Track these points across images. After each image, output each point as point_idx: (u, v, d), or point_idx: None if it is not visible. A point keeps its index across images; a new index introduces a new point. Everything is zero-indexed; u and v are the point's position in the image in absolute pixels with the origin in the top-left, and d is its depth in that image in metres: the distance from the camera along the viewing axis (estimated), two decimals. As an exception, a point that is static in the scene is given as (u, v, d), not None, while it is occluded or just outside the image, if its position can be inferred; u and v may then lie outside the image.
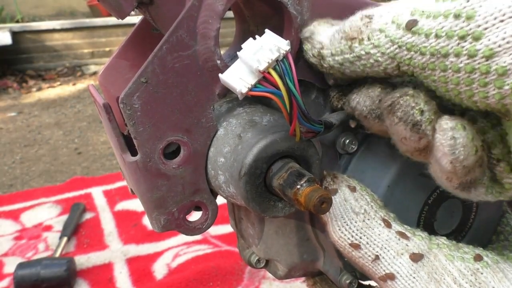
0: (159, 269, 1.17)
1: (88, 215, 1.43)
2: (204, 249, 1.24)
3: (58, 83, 3.24)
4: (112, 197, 1.54)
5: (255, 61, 0.39)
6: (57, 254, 1.20)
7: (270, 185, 0.43)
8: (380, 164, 0.51)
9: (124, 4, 0.44)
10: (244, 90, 0.39)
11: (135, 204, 1.46)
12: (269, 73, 0.39)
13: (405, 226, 0.44)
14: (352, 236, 0.44)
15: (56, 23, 3.53)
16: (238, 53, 0.40)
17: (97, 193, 1.57)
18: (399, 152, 0.49)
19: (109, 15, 3.62)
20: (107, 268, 1.17)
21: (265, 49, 0.39)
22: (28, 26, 3.48)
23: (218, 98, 0.45)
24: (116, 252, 1.23)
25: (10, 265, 1.18)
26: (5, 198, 1.57)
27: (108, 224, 1.38)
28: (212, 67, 0.43)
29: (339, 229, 0.45)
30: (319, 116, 0.52)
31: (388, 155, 0.50)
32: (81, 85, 3.20)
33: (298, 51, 0.46)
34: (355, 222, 0.45)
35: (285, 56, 0.40)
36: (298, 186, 0.40)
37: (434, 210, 0.52)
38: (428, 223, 0.52)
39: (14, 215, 1.46)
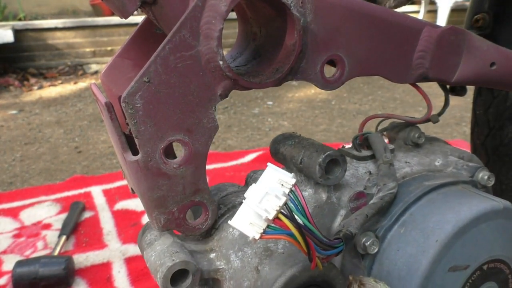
0: (158, 269, 1.17)
1: (87, 214, 1.43)
2: (203, 250, 1.24)
3: (60, 81, 3.24)
4: (111, 196, 1.54)
5: (263, 211, 0.37)
6: (56, 253, 1.20)
7: None
8: (406, 265, 0.48)
9: (127, 3, 0.44)
10: (257, 237, 0.38)
11: (134, 204, 1.46)
12: (278, 218, 0.37)
13: None
14: None
15: (58, 21, 3.53)
16: (244, 201, 0.38)
17: (97, 192, 1.57)
18: (423, 252, 0.46)
19: (112, 14, 3.63)
20: (105, 267, 1.17)
21: (270, 195, 0.37)
22: (31, 24, 3.48)
23: (220, 98, 0.45)
24: (114, 251, 1.23)
25: (9, 263, 1.18)
26: (5, 196, 1.57)
27: (107, 223, 1.38)
28: (215, 68, 0.43)
29: None
30: (335, 216, 0.51)
31: (412, 255, 0.48)
32: (83, 84, 3.20)
33: (299, 53, 0.46)
34: None
35: (292, 190, 0.38)
36: None
37: None
38: None
39: (13, 213, 1.45)
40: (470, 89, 0.71)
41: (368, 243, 0.49)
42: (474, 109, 0.85)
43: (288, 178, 0.38)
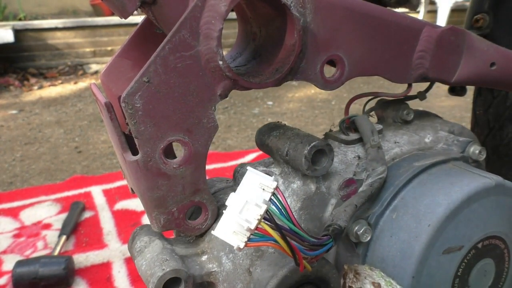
0: (158, 269, 1.17)
1: (87, 214, 1.43)
2: (202, 250, 1.24)
3: (60, 81, 3.24)
4: (111, 196, 1.54)
5: (244, 222, 0.36)
6: (56, 253, 1.20)
7: None
8: (399, 251, 0.47)
9: (127, 3, 0.44)
10: (242, 246, 0.37)
11: (134, 204, 1.46)
12: (261, 226, 0.36)
13: None
14: None
15: (58, 21, 3.53)
16: (224, 211, 0.37)
17: (97, 192, 1.57)
18: (416, 237, 0.45)
19: (112, 14, 3.63)
20: (105, 267, 1.17)
21: (251, 203, 0.36)
22: (31, 24, 3.48)
23: (220, 98, 0.45)
24: (114, 251, 1.23)
25: (9, 263, 1.18)
26: (5, 196, 1.57)
27: (107, 223, 1.38)
28: (214, 68, 0.43)
29: None
30: (326, 205, 0.50)
31: (405, 241, 0.47)
32: (83, 84, 3.20)
33: (299, 53, 0.46)
34: None
35: (274, 193, 0.37)
36: None
37: (465, 279, 0.50)
38: None
39: (13, 213, 1.45)
40: (470, 89, 0.71)
41: (361, 231, 0.48)
42: (474, 109, 0.86)
43: (269, 182, 0.36)
